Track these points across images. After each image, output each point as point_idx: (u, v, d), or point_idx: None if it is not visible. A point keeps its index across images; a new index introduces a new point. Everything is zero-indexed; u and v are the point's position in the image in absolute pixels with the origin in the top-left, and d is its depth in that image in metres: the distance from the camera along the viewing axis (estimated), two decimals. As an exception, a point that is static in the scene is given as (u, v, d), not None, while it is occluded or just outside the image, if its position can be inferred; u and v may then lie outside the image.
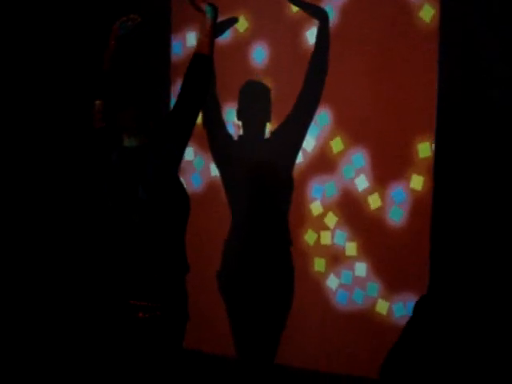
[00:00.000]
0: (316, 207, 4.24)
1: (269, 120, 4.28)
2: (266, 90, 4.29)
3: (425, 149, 3.95)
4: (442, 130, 3.90)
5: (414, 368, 3.94)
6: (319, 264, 4.22)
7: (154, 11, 4.59)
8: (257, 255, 4.31)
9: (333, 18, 4.15)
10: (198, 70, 3.40)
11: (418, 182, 3.96)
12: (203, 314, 4.37)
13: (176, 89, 4.22)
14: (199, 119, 4.34)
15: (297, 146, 4.24)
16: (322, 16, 4.14)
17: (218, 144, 4.43)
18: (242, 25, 4.43)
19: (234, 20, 4.40)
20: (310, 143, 4.25)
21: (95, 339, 4.48)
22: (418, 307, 3.95)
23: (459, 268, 3.86)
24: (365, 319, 4.08)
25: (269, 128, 4.30)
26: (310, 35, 4.21)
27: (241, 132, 4.32)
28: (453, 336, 3.84)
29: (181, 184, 3.41)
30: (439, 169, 3.92)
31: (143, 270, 3.31)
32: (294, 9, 4.26)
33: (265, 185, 4.32)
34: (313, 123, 4.22)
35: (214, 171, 4.48)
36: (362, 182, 4.10)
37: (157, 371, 3.30)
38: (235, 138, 4.37)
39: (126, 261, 3.34)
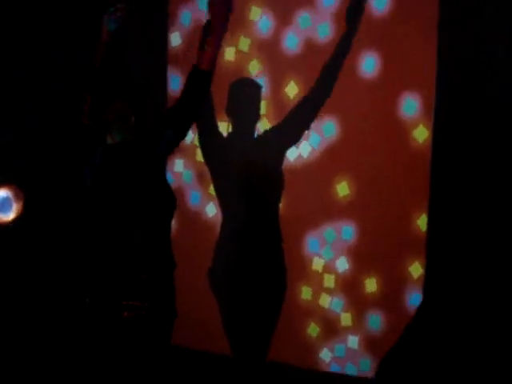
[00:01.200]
0: (317, 263, 4.23)
1: (259, 119, 4.20)
2: (257, 88, 4.19)
3: (423, 224, 3.92)
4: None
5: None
6: (313, 329, 4.23)
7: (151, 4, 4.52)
8: (249, 253, 4.21)
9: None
10: (195, 87, 3.35)
11: (415, 267, 3.93)
12: (195, 312, 4.39)
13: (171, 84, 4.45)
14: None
15: (289, 147, 4.21)
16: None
17: (210, 144, 4.28)
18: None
19: None
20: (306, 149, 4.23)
21: (81, 339, 4.51)
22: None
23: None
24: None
25: (260, 128, 4.23)
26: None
27: (230, 131, 4.22)
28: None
29: (166, 181, 3.39)
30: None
31: (129, 269, 3.29)
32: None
33: (256, 184, 4.20)
34: (316, 132, 4.19)
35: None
36: (343, 263, 4.10)
37: (144, 369, 3.31)
38: (225, 137, 4.25)
39: (111, 260, 3.31)
